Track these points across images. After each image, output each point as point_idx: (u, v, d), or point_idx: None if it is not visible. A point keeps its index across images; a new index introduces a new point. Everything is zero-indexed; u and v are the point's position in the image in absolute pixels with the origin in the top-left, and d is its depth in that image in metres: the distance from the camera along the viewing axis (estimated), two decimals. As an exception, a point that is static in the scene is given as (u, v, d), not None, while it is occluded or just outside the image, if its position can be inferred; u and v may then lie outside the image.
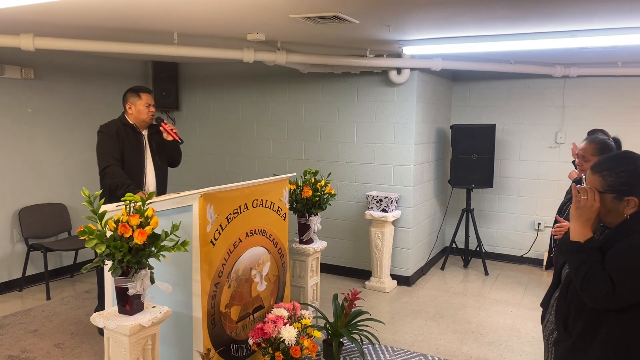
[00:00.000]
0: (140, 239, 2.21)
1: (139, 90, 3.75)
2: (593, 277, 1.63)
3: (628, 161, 1.71)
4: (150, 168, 3.79)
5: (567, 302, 1.80)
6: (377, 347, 3.83)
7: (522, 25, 3.62)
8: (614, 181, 1.68)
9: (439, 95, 5.87)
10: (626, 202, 1.67)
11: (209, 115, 6.31)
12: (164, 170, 3.93)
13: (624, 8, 3.03)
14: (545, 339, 2.00)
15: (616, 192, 1.67)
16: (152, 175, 3.80)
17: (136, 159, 3.72)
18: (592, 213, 1.70)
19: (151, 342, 2.39)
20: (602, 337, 1.67)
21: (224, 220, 2.93)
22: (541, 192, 5.99)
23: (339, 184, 5.49)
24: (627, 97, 5.55)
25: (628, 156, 1.74)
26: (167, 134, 3.73)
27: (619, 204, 1.68)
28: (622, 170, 1.69)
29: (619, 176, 1.68)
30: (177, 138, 3.74)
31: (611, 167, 1.71)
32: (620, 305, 1.61)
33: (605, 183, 1.69)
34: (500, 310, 4.70)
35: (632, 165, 1.70)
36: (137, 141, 3.75)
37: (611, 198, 1.68)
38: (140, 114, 3.71)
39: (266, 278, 3.36)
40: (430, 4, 3.01)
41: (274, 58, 4.51)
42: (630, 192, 1.66)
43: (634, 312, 1.62)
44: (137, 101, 3.70)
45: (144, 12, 3.27)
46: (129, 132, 3.72)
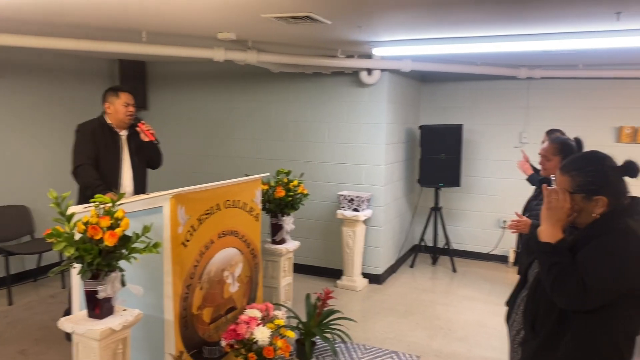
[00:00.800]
0: (111, 241, 2.17)
1: (118, 90, 3.68)
2: (564, 279, 1.63)
3: (596, 161, 1.73)
4: (127, 169, 3.71)
5: (536, 302, 1.81)
6: (350, 345, 3.86)
7: (489, 28, 3.71)
8: (583, 181, 1.69)
9: (408, 96, 5.95)
10: (595, 202, 1.67)
11: (178, 114, 6.21)
12: (143, 172, 3.84)
13: (586, 13, 3.15)
14: (511, 338, 2.00)
15: (585, 191, 1.68)
16: (129, 176, 3.71)
17: (112, 160, 3.64)
18: (563, 214, 1.70)
19: (122, 346, 2.34)
20: (569, 337, 1.68)
21: (196, 222, 2.89)
22: (506, 190, 6.15)
23: (311, 183, 5.49)
24: (588, 99, 5.75)
25: (596, 156, 1.76)
26: (144, 134, 3.66)
27: (589, 204, 1.69)
28: (590, 170, 1.70)
29: (587, 176, 1.69)
30: (152, 138, 3.66)
31: (579, 167, 1.72)
32: (591, 306, 1.62)
33: (574, 183, 1.70)
34: (468, 306, 4.81)
35: (600, 164, 1.72)
36: (113, 141, 3.66)
37: (581, 198, 1.69)
38: (118, 113, 3.63)
39: (238, 279, 3.34)
40: (401, 6, 3.05)
41: (244, 57, 4.48)
42: (599, 191, 1.67)
43: (602, 313, 1.64)
44: (116, 100, 3.63)
45: (111, 9, 3.20)
46: (105, 132, 3.64)
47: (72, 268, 2.28)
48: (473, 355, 3.80)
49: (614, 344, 1.67)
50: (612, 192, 1.68)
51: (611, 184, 1.69)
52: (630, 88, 5.57)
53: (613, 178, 1.70)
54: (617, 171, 1.71)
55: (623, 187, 1.72)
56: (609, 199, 1.67)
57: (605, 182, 1.69)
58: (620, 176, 1.71)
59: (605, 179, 1.69)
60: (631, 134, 5.61)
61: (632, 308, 1.66)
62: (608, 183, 1.68)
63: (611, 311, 1.64)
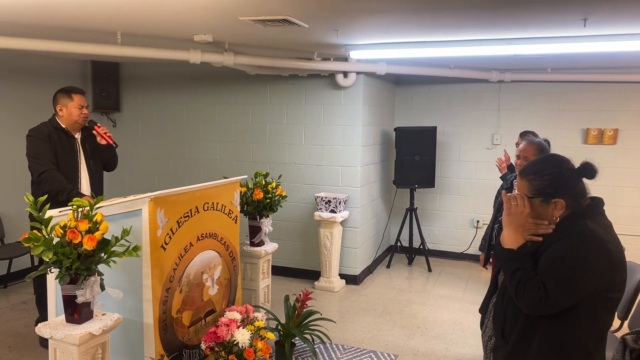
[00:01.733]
0: (90, 244, 2.15)
1: (71, 91, 3.56)
2: (526, 284, 1.64)
3: (552, 164, 1.76)
4: (84, 173, 3.62)
5: (504, 309, 1.81)
6: (329, 346, 3.89)
7: (462, 33, 3.81)
8: (540, 184, 1.71)
9: (383, 98, 6.03)
10: (554, 205, 1.70)
11: (152, 116, 6.15)
12: (99, 175, 3.77)
13: (555, 19, 3.27)
14: (484, 344, 2.02)
15: (542, 195, 1.71)
16: (87, 180, 3.63)
17: (69, 164, 3.55)
18: (524, 219, 1.72)
19: (101, 351, 2.32)
20: (537, 343, 1.70)
21: (175, 224, 2.88)
22: (479, 191, 6.29)
23: (288, 185, 5.52)
24: (556, 101, 5.95)
25: (552, 159, 1.79)
26: (101, 137, 3.57)
27: (547, 207, 1.71)
28: (546, 173, 1.72)
29: (543, 179, 1.71)
30: (111, 142, 3.58)
31: (536, 171, 1.74)
32: (553, 310, 1.63)
33: (532, 187, 1.73)
34: (444, 305, 4.90)
35: (556, 167, 1.74)
36: (69, 145, 3.57)
37: (539, 202, 1.72)
38: (72, 116, 3.53)
39: (218, 282, 3.34)
40: (377, 11, 3.11)
41: (221, 59, 4.48)
42: (556, 194, 1.69)
43: (567, 317, 1.65)
44: (69, 103, 3.53)
45: (85, 9, 3.16)
46: (61, 136, 3.53)
47: (50, 273, 2.24)
48: (449, 353, 3.88)
49: (582, 346, 1.69)
50: (569, 195, 1.70)
51: (568, 187, 1.71)
52: (595, 91, 5.78)
53: (570, 180, 1.72)
54: (574, 173, 1.73)
55: (581, 189, 1.74)
56: (567, 201, 1.69)
57: (562, 185, 1.70)
58: (578, 178, 1.73)
59: (562, 181, 1.71)
60: (597, 136, 5.82)
61: (598, 309, 1.67)
62: (565, 186, 1.71)
63: (576, 314, 1.65)
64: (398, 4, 2.93)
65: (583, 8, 2.96)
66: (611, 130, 5.75)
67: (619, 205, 5.71)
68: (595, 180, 1.76)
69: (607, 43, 3.82)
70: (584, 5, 2.91)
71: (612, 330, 3.13)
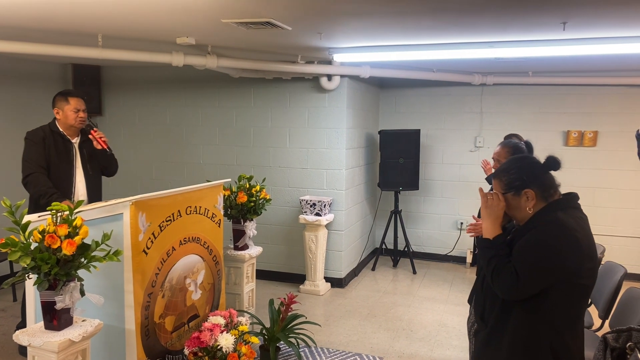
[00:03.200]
0: (69, 249, 2.11)
1: (68, 95, 3.54)
2: (500, 270, 1.78)
3: (517, 160, 1.95)
4: (80, 177, 3.59)
5: (483, 295, 1.96)
6: (314, 349, 3.88)
7: (444, 36, 3.84)
8: (508, 179, 1.88)
9: (367, 101, 6.06)
10: (525, 196, 1.84)
11: (135, 120, 6.09)
12: (97, 180, 3.73)
13: (535, 23, 3.32)
14: (468, 329, 2.18)
15: (513, 188, 1.86)
16: (83, 184, 3.60)
17: (64, 168, 3.52)
18: (500, 210, 1.88)
19: (81, 358, 2.27)
20: (511, 327, 1.83)
21: (157, 229, 2.85)
22: (462, 193, 6.34)
23: (273, 189, 5.50)
24: (537, 104, 6.03)
25: (518, 157, 1.99)
26: (97, 142, 3.55)
27: (519, 200, 1.86)
28: (512, 168, 1.90)
29: (510, 174, 1.88)
30: (105, 147, 3.56)
31: (505, 169, 1.92)
32: (525, 295, 1.77)
33: (503, 184, 1.90)
34: (429, 307, 4.92)
35: (521, 162, 1.93)
36: (65, 149, 3.55)
37: (511, 196, 1.87)
38: (68, 119, 3.51)
39: (201, 286, 3.31)
40: (359, 14, 3.12)
41: (204, 62, 4.45)
42: (524, 185, 1.84)
43: (539, 302, 1.77)
44: (65, 106, 3.51)
45: (65, 11, 3.12)
46: (57, 139, 3.51)
47: (28, 279, 2.20)
48: (434, 355, 3.90)
49: (555, 331, 1.80)
50: (537, 184, 1.84)
51: (534, 177, 1.85)
52: (576, 94, 5.88)
53: (535, 171, 1.87)
54: (539, 165, 1.89)
55: (549, 180, 1.87)
56: (535, 190, 1.83)
57: (527, 176, 1.86)
58: (544, 170, 1.87)
59: (527, 173, 1.86)
60: (577, 138, 5.90)
61: (568, 295, 1.77)
62: (531, 176, 1.85)
63: (547, 299, 1.76)
64: (379, 7, 2.94)
65: (562, 12, 3.01)
66: (591, 133, 5.84)
67: (598, 207, 5.80)
68: (575, 182, 1.84)
69: (586, 46, 3.89)
70: (563, 9, 2.95)
71: (593, 329, 3.17)
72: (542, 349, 1.80)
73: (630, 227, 5.68)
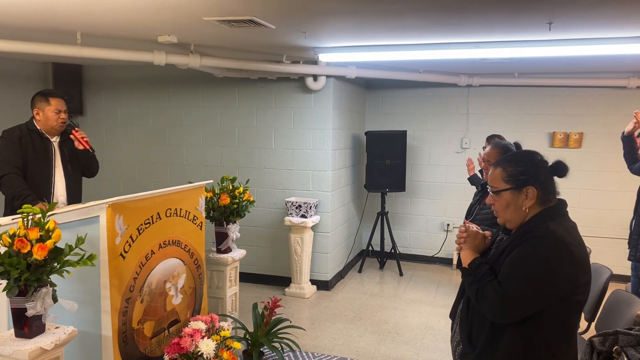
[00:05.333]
0: (41, 254, 2.02)
1: (48, 95, 3.42)
2: (483, 291, 1.70)
3: (527, 154, 1.82)
4: (60, 177, 3.49)
5: (470, 316, 1.84)
6: (298, 353, 3.82)
7: (429, 36, 3.82)
8: (513, 170, 1.74)
9: (354, 102, 6.02)
10: (525, 193, 1.72)
11: (117, 120, 5.98)
12: (77, 180, 3.63)
13: (520, 22, 3.31)
14: (453, 349, 2.02)
15: (515, 181, 1.73)
16: (62, 185, 3.50)
17: (43, 168, 3.42)
18: (479, 240, 1.88)
19: (54, 367, 2.19)
20: (504, 348, 1.70)
21: (135, 232, 2.77)
22: (449, 194, 6.33)
23: (258, 190, 5.43)
24: (523, 105, 6.04)
25: (528, 151, 1.85)
26: (78, 142, 3.46)
27: (518, 197, 1.73)
28: (520, 160, 1.77)
29: (517, 165, 1.75)
30: (87, 147, 3.47)
31: (511, 160, 1.79)
32: (514, 314, 1.66)
33: (506, 174, 1.75)
34: (415, 309, 4.90)
35: (531, 156, 1.79)
36: (44, 148, 3.44)
37: (510, 192, 1.74)
38: (49, 120, 3.40)
39: (182, 290, 3.23)
40: (343, 12, 3.08)
41: (187, 61, 4.38)
42: (528, 181, 1.72)
43: (533, 321, 1.66)
44: (46, 107, 3.39)
45: (42, 8, 3.04)
46: (35, 139, 3.40)
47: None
48: (420, 358, 3.86)
49: (549, 351, 1.69)
50: (541, 185, 1.72)
51: (541, 176, 1.74)
52: (561, 95, 5.91)
53: (543, 171, 1.75)
54: (547, 167, 1.77)
55: (552, 184, 1.76)
56: (538, 191, 1.72)
57: (535, 172, 1.73)
58: (550, 174, 1.76)
59: (535, 169, 1.74)
60: (563, 139, 5.93)
61: (563, 312, 1.67)
62: (538, 174, 1.73)
63: (541, 317, 1.65)
64: (362, 5, 2.90)
65: (548, 11, 3.00)
66: (576, 134, 5.87)
67: (584, 208, 5.83)
68: (561, 183, 1.78)
69: (571, 47, 3.89)
70: (549, 9, 2.94)
71: (579, 332, 3.16)
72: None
73: (615, 228, 5.71)
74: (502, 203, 1.77)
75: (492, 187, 1.81)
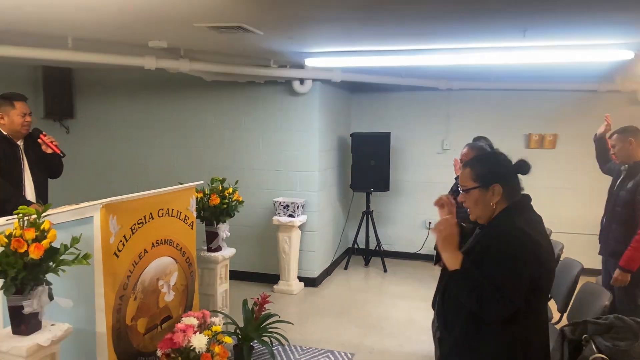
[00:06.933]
0: (37, 253, 2.03)
1: (12, 99, 3.32)
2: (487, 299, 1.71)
3: (492, 155, 2.02)
4: (28, 181, 3.40)
5: (446, 304, 1.92)
6: (287, 347, 3.86)
7: (410, 42, 3.88)
8: (481, 171, 1.87)
9: (339, 105, 6.07)
10: (491, 191, 1.83)
11: (107, 123, 5.95)
12: (44, 183, 3.55)
13: (496, 28, 3.38)
14: (434, 334, 2.16)
15: (483, 180, 1.85)
16: (31, 187, 3.41)
17: (12, 171, 3.32)
18: (454, 237, 1.83)
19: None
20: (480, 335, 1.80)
21: (128, 231, 2.79)
22: (431, 194, 6.27)
23: (246, 191, 5.42)
24: (500, 108, 6.15)
25: (494, 152, 2.07)
26: (47, 146, 3.37)
27: (485, 194, 1.84)
28: (486, 161, 1.94)
29: (484, 166, 1.89)
30: (57, 151, 3.38)
31: (479, 160, 1.95)
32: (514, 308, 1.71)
33: (474, 173, 1.88)
34: (399, 304, 4.96)
35: (495, 157, 1.97)
36: (12, 153, 3.35)
37: (478, 190, 1.85)
38: (14, 124, 3.30)
39: (174, 288, 3.25)
40: (329, 20, 3.13)
41: (177, 66, 4.39)
42: (494, 179, 1.84)
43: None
44: (11, 111, 3.29)
45: (34, 14, 3.03)
46: (2, 144, 3.31)
47: (-6, 284, 2.12)
48: (403, 350, 3.93)
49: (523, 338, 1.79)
50: (505, 182, 1.84)
51: (505, 174, 1.86)
52: (536, 98, 6.02)
53: (507, 170, 1.88)
54: (511, 166, 1.89)
55: (516, 182, 1.89)
56: (503, 188, 1.83)
57: (499, 172, 1.87)
58: (514, 172, 1.88)
59: (499, 169, 1.88)
60: (538, 140, 6.05)
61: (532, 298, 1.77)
62: (502, 173, 1.87)
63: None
64: (347, 14, 2.95)
65: (524, 19, 3.07)
66: (551, 136, 6.00)
67: (557, 206, 5.94)
68: (536, 183, 1.87)
69: (544, 53, 3.98)
70: (524, 17, 3.01)
71: (552, 322, 3.25)
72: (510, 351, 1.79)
73: (586, 225, 5.83)
74: (471, 200, 1.88)
75: (462, 186, 1.93)
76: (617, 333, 2.17)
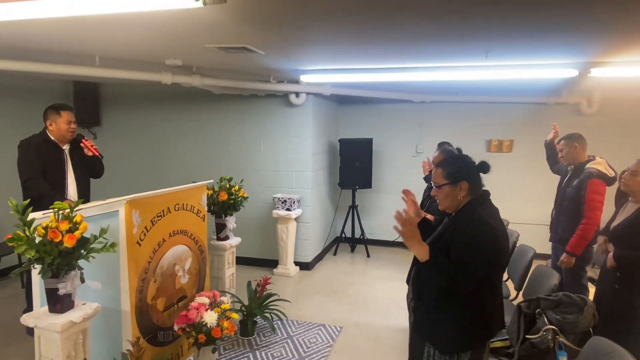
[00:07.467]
0: (70, 242, 2.02)
1: (59, 108, 3.33)
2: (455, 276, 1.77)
3: (460, 158, 2.08)
4: (71, 180, 3.40)
5: (420, 279, 2.00)
6: (285, 322, 3.85)
7: (390, 61, 3.88)
8: (450, 170, 1.95)
9: (329, 114, 6.07)
10: (459, 187, 1.92)
11: (129, 130, 5.90)
12: (86, 182, 3.55)
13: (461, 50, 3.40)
14: (408, 305, 2.20)
15: (452, 177, 1.93)
16: (74, 187, 3.41)
17: (57, 172, 3.33)
18: (415, 233, 1.86)
19: (82, 337, 2.18)
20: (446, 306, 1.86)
21: (149, 223, 2.76)
22: (407, 190, 6.41)
23: (250, 188, 5.42)
24: (466, 118, 6.18)
25: (460, 155, 2.14)
26: (88, 149, 3.39)
27: (454, 189, 1.92)
28: (455, 163, 2.01)
29: (453, 167, 1.96)
30: (97, 154, 3.39)
31: (448, 162, 2.01)
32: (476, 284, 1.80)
33: (445, 172, 1.96)
34: (381, 284, 4.97)
35: (462, 159, 2.05)
36: (57, 155, 3.35)
37: (448, 186, 1.93)
38: (60, 130, 3.32)
39: (188, 272, 3.23)
40: (320, 42, 3.12)
41: (189, 81, 4.36)
42: (462, 177, 1.92)
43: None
44: (58, 119, 3.31)
45: (67, 36, 2.99)
46: (49, 147, 3.31)
47: (33, 268, 2.09)
48: (385, 323, 3.94)
49: (484, 309, 1.86)
50: (471, 180, 1.93)
51: (470, 174, 1.94)
52: (495, 109, 6.05)
53: (472, 170, 1.96)
54: (475, 166, 1.98)
55: (479, 179, 1.96)
56: (469, 184, 1.92)
57: (466, 171, 1.95)
58: (477, 171, 1.96)
59: (466, 169, 1.97)
60: (497, 145, 6.09)
61: (491, 274, 1.84)
62: (468, 172, 1.95)
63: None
64: (337, 36, 2.95)
65: (485, 41, 3.09)
66: (508, 141, 6.04)
67: (514, 201, 6.00)
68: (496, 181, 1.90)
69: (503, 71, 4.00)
70: (487, 40, 3.03)
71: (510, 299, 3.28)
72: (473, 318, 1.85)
73: (538, 217, 5.91)
74: (442, 194, 1.95)
75: (435, 182, 1.98)
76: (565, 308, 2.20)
